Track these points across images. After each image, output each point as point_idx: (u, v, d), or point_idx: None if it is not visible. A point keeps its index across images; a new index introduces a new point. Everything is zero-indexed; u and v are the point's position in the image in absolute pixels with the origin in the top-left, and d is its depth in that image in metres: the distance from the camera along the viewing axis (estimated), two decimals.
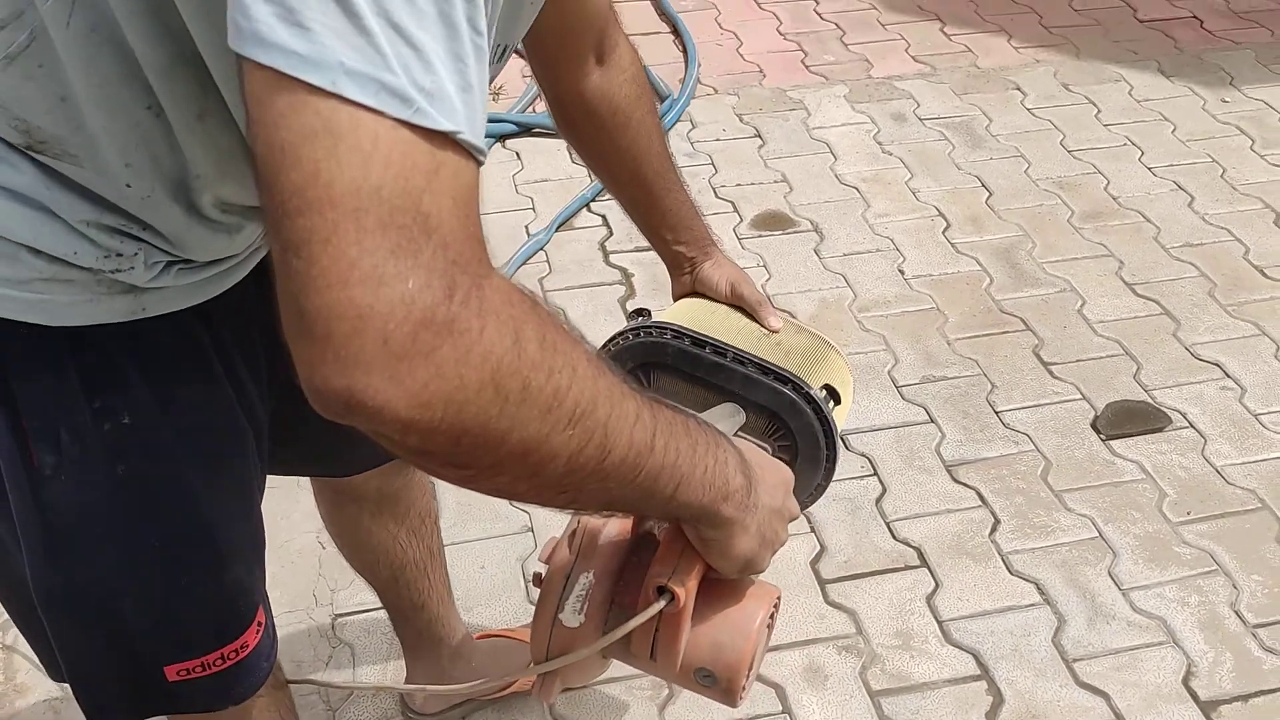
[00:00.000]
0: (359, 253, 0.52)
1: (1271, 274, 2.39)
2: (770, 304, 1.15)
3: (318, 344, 0.53)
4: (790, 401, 1.01)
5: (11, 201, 0.74)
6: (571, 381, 0.60)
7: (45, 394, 0.81)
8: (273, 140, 0.53)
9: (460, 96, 0.54)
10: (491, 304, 0.56)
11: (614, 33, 1.09)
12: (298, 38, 0.51)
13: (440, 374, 0.54)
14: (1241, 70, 3.09)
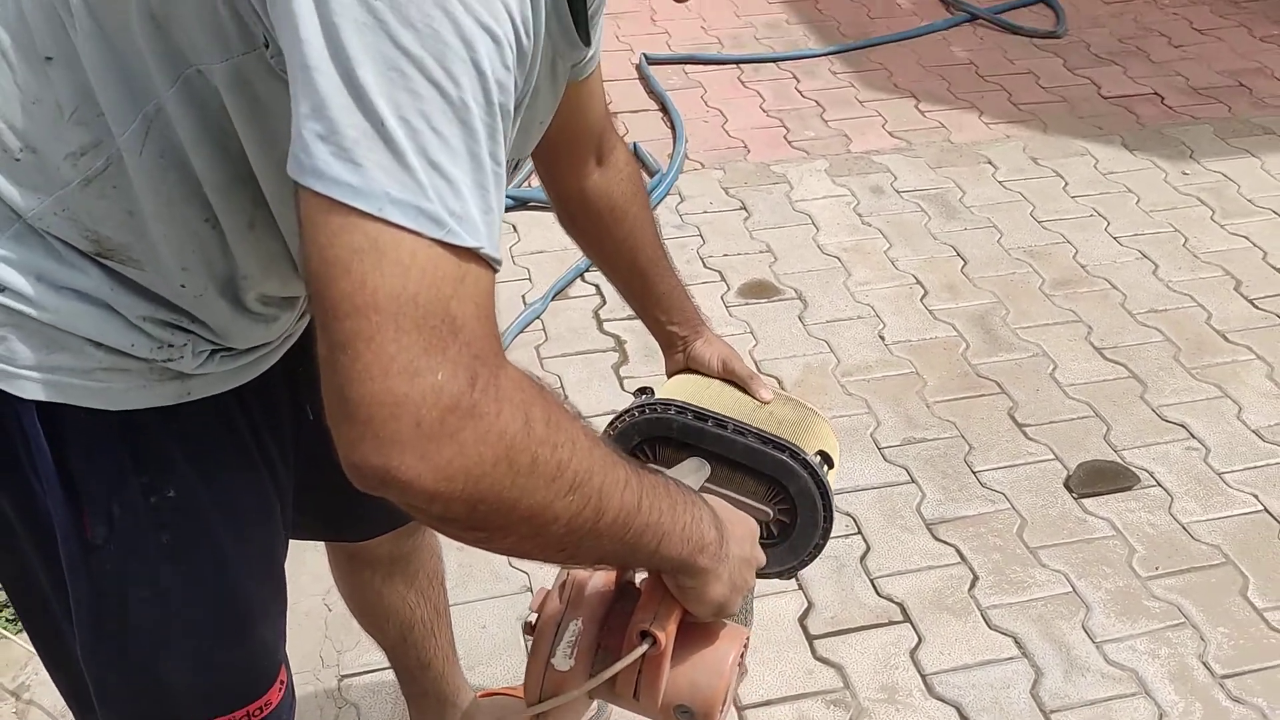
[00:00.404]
0: (397, 349, 0.62)
1: (1233, 338, 2.51)
2: (760, 378, 1.25)
3: (359, 427, 0.63)
4: (789, 468, 1.10)
5: (79, 301, 0.84)
6: (572, 454, 0.70)
7: (101, 471, 0.90)
8: (326, 255, 0.63)
9: (483, 218, 0.65)
10: (506, 390, 0.66)
11: (611, 137, 1.20)
12: (351, 172, 0.62)
13: (463, 451, 0.64)
14: (1201, 144, 3.24)
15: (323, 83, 0.62)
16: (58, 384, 0.85)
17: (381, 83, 0.62)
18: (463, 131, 0.64)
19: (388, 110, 0.62)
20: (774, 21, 3.96)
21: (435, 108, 0.62)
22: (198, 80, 0.74)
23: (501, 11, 0.65)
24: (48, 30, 0.75)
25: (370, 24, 0.61)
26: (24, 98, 0.77)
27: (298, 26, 0.63)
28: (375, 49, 0.61)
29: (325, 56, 0.62)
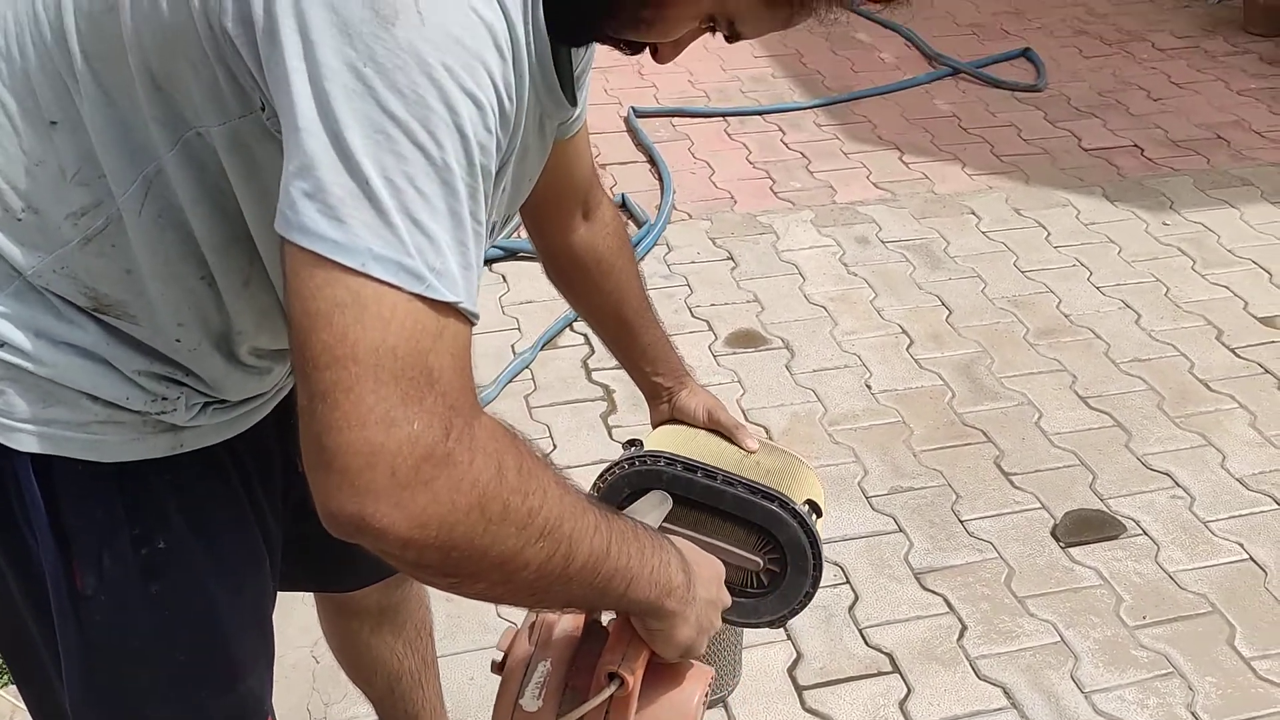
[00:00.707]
0: (375, 400, 0.64)
1: (1216, 387, 2.54)
2: (745, 427, 1.26)
3: (335, 475, 0.65)
4: (778, 517, 1.11)
5: (76, 356, 0.85)
6: (543, 502, 0.71)
7: (93, 523, 0.90)
8: (309, 308, 0.65)
9: (462, 274, 0.67)
10: (480, 440, 0.68)
11: (597, 192, 1.23)
12: (335, 229, 0.64)
13: (436, 499, 0.66)
14: (1181, 195, 3.30)
15: (312, 144, 0.64)
16: (53, 437, 0.86)
17: (368, 145, 0.64)
18: (445, 191, 0.66)
19: (373, 171, 0.64)
20: (759, 75, 4.03)
21: (419, 169, 0.65)
22: (197, 142, 0.76)
23: (485, 78, 0.67)
24: (53, 96, 0.77)
25: (359, 90, 0.64)
26: (28, 160, 0.79)
27: (291, 91, 0.65)
28: (363, 113, 0.64)
29: (315, 119, 0.64)
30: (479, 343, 2.71)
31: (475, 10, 0.67)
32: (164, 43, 0.72)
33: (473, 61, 0.66)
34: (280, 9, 0.65)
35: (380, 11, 0.64)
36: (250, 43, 0.68)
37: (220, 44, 0.70)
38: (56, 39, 0.76)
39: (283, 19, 0.65)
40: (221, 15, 0.69)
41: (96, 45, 0.75)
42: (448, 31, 0.65)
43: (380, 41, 0.64)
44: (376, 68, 0.64)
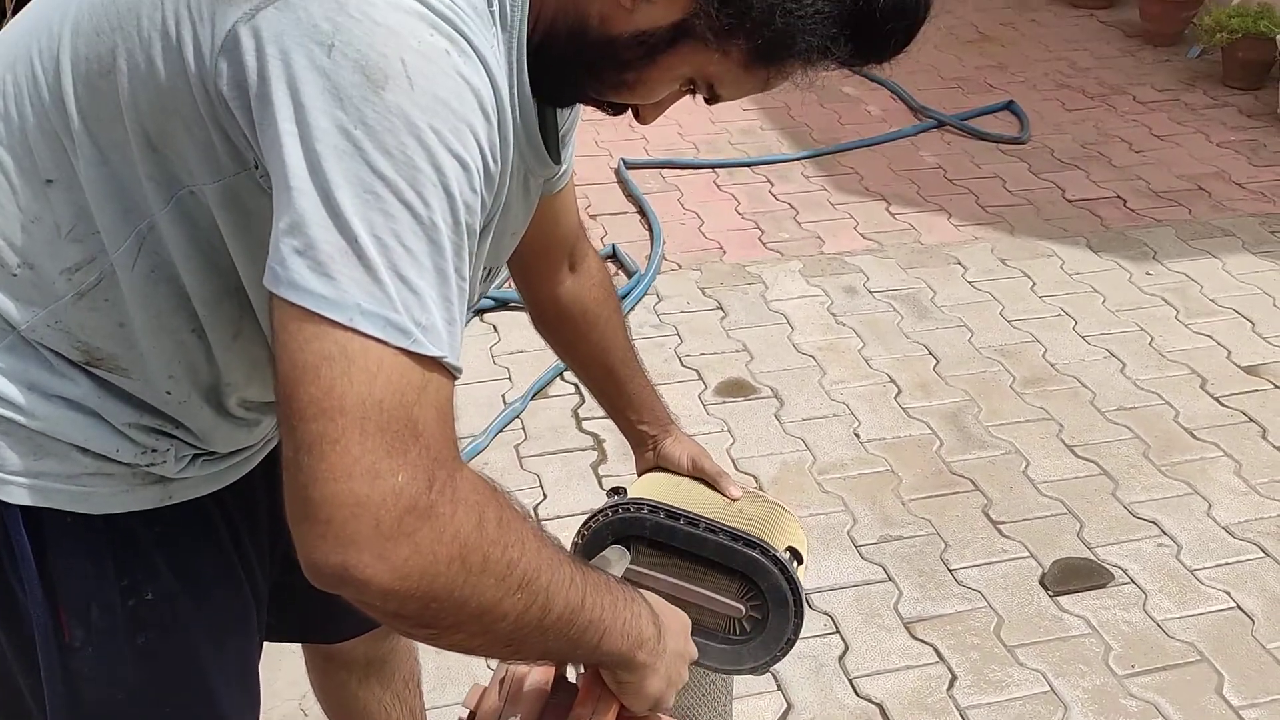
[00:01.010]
0: (361, 452, 0.65)
1: (1200, 435, 2.56)
2: (728, 475, 1.28)
3: (320, 526, 0.66)
4: (760, 565, 1.12)
5: (68, 409, 0.86)
6: (521, 554, 0.73)
7: (81, 575, 0.91)
8: (296, 360, 0.67)
9: (446, 329, 0.69)
10: (462, 492, 0.69)
11: (583, 245, 1.25)
12: (325, 284, 0.66)
13: (419, 551, 0.67)
14: (1164, 245, 3.35)
15: (303, 203, 0.66)
16: (44, 489, 0.87)
17: (357, 204, 0.66)
18: (431, 249, 0.68)
19: (362, 229, 0.66)
20: (748, 127, 4.09)
21: (406, 227, 0.67)
22: (190, 200, 0.78)
23: (470, 140, 0.69)
24: (49, 155, 0.79)
25: (349, 151, 0.66)
26: (24, 217, 0.81)
27: (283, 151, 0.67)
28: (353, 173, 0.66)
29: (306, 179, 0.66)
30: (470, 392, 2.72)
31: (462, 76, 0.69)
32: (160, 105, 0.74)
33: (459, 124, 0.69)
34: (273, 74, 0.67)
35: (370, 77, 0.66)
36: (244, 105, 0.70)
37: (215, 106, 0.72)
38: (54, 101, 0.78)
39: (275, 83, 0.67)
40: (217, 79, 0.71)
41: (93, 107, 0.77)
42: (435, 95, 0.67)
43: (370, 105, 0.66)
44: (366, 130, 0.66)
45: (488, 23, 0.75)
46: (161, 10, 0.73)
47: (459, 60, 0.69)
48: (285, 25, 0.67)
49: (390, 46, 0.67)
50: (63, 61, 0.78)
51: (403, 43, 0.67)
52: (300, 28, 0.67)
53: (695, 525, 1.14)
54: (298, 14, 0.67)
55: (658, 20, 0.79)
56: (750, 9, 0.77)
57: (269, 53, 0.68)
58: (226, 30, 0.70)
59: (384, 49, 0.66)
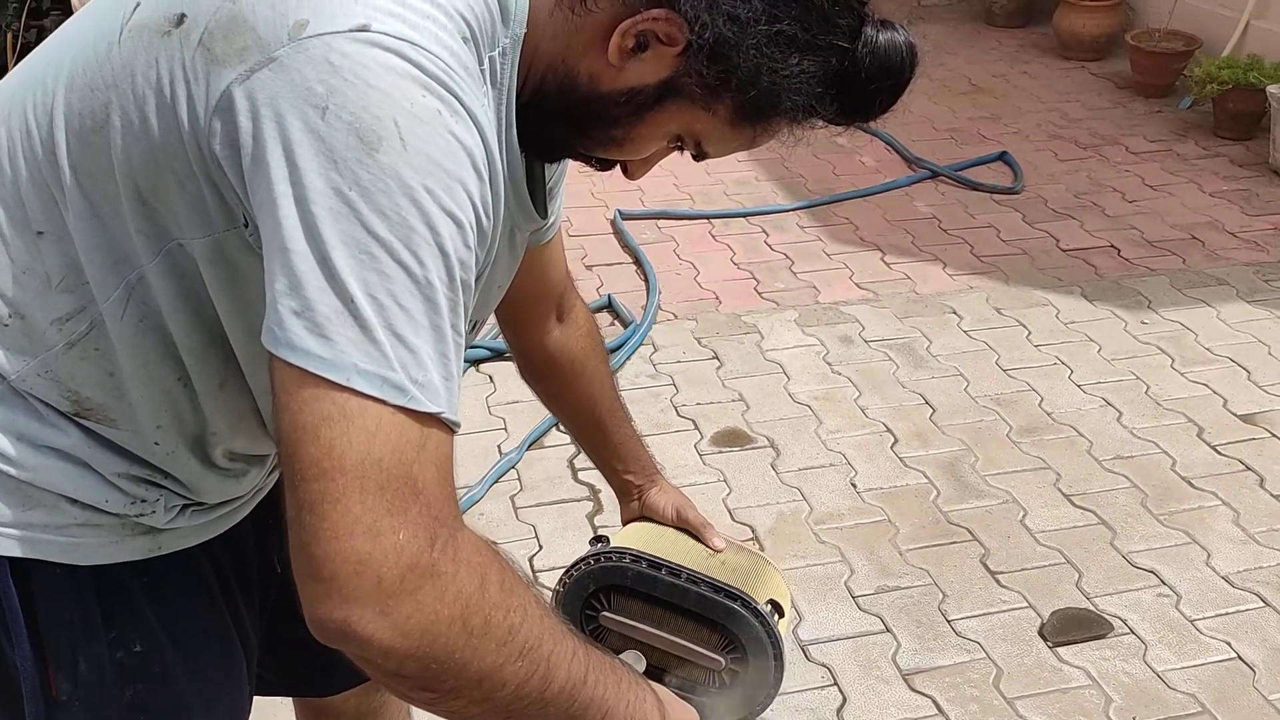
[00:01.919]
0: (361, 510, 0.66)
1: (1198, 484, 2.55)
2: (712, 526, 1.27)
3: (323, 584, 0.66)
4: (741, 617, 1.12)
5: (57, 459, 0.86)
6: (524, 620, 0.73)
7: (69, 627, 0.90)
8: (297, 421, 0.68)
9: (444, 385, 0.70)
10: (464, 552, 0.70)
11: (571, 296, 1.26)
12: (322, 345, 0.67)
13: (420, 609, 0.67)
14: (1158, 294, 3.36)
15: (299, 264, 0.67)
16: (32, 540, 0.87)
17: (353, 264, 0.67)
18: (426, 307, 0.69)
19: (358, 289, 0.67)
20: (743, 178, 4.13)
21: (401, 286, 0.68)
22: (178, 253, 0.79)
23: (464, 198, 0.70)
24: (41, 207, 0.80)
25: (344, 212, 0.67)
26: (15, 268, 0.82)
27: (277, 212, 0.68)
28: (348, 234, 0.67)
29: (302, 240, 0.67)
30: (465, 443, 2.71)
31: (455, 135, 0.70)
32: (153, 160, 0.75)
33: (452, 183, 0.70)
34: (268, 136, 0.68)
35: (364, 139, 0.67)
36: (236, 165, 0.71)
37: (208, 163, 0.73)
38: (47, 154, 0.79)
39: (270, 146, 0.68)
40: (210, 138, 0.72)
41: (85, 161, 0.78)
42: (428, 155, 0.69)
43: (364, 166, 0.67)
44: (361, 191, 0.67)
45: (478, 81, 0.76)
46: (156, 68, 0.74)
47: (451, 120, 0.70)
48: (280, 88, 0.68)
49: (383, 109, 0.68)
50: (56, 116, 0.79)
51: (395, 105, 0.68)
52: (295, 90, 0.68)
53: (677, 576, 1.14)
54: (292, 76, 0.68)
55: (646, 78, 0.81)
56: (736, 69, 0.78)
57: (263, 115, 0.69)
58: (221, 90, 0.71)
59: (377, 111, 0.67)
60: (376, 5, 0.70)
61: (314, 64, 0.68)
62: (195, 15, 0.73)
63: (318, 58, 0.68)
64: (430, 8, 0.72)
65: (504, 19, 0.78)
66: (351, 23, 0.69)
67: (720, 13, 0.77)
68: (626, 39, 0.79)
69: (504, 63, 0.79)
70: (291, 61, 0.68)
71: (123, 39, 0.76)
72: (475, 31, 0.76)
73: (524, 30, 0.80)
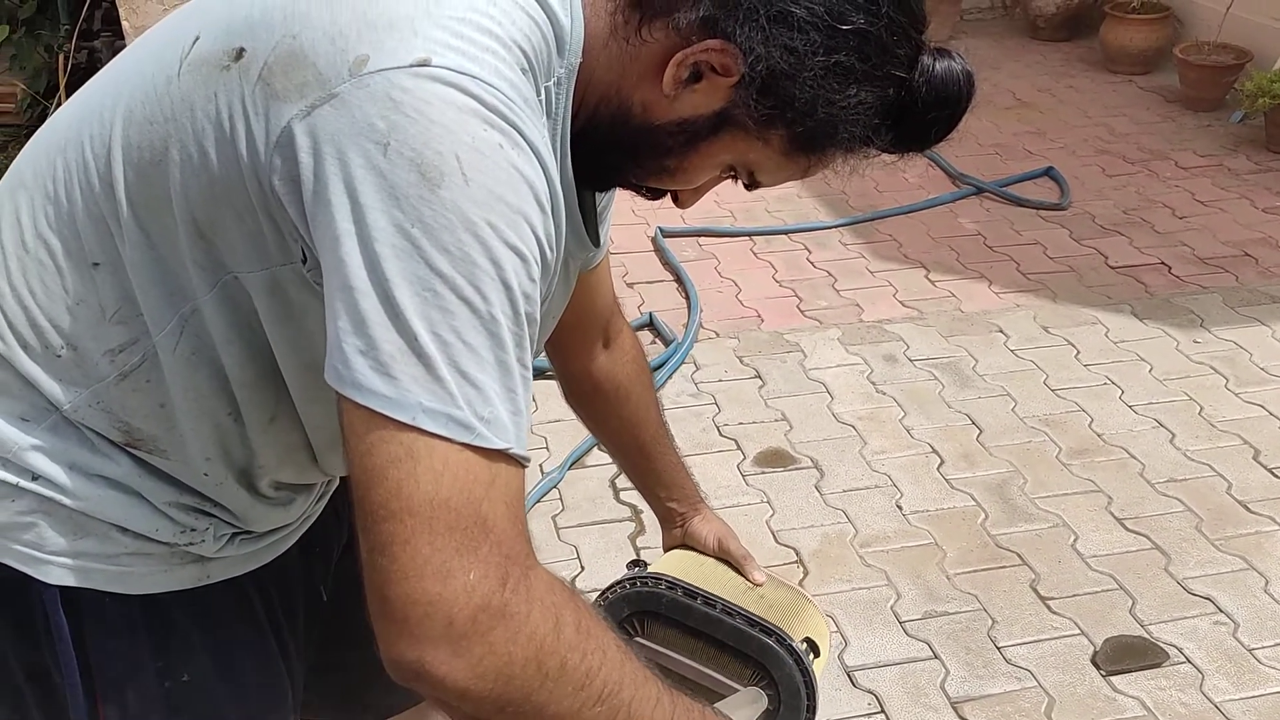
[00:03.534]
0: (431, 551, 0.65)
1: (1255, 508, 2.49)
2: (753, 559, 1.26)
3: (396, 625, 0.66)
4: (775, 653, 1.10)
5: (109, 489, 0.87)
6: (602, 663, 0.71)
7: (119, 657, 0.91)
8: (365, 464, 0.67)
9: (511, 419, 0.69)
10: (537, 591, 0.68)
11: (618, 321, 1.25)
12: (387, 385, 0.66)
13: (493, 650, 0.66)
14: (1211, 313, 3.29)
15: (363, 302, 0.67)
16: (83, 569, 0.87)
17: (416, 302, 0.66)
18: (491, 342, 0.68)
19: (421, 327, 0.66)
20: (785, 195, 4.10)
21: (466, 323, 0.67)
22: (234, 286, 0.78)
23: (527, 232, 0.70)
24: (96, 238, 0.81)
25: (407, 249, 0.66)
26: (70, 299, 0.82)
27: (339, 249, 0.68)
28: (411, 272, 0.66)
29: (366, 279, 0.67)
30: None
31: (516, 169, 0.70)
32: (211, 194, 0.75)
33: (515, 217, 0.69)
34: (329, 173, 0.68)
35: (427, 175, 0.67)
36: (296, 200, 0.71)
37: (267, 198, 0.73)
38: (104, 187, 0.80)
39: (332, 183, 0.68)
40: (270, 173, 0.71)
41: (142, 194, 0.78)
42: (491, 190, 0.68)
43: (427, 203, 0.67)
44: (424, 228, 0.66)
45: (538, 112, 0.75)
46: (215, 103, 0.74)
47: (513, 153, 0.69)
48: (341, 124, 0.68)
49: (445, 144, 0.67)
50: (114, 149, 0.79)
51: (457, 140, 0.67)
52: (356, 127, 0.68)
53: (712, 606, 1.13)
54: (353, 113, 0.68)
55: (700, 109, 0.80)
56: (793, 100, 0.77)
57: (325, 152, 0.68)
58: (282, 127, 0.70)
59: (439, 147, 0.67)
60: (436, 39, 0.70)
61: (375, 100, 0.68)
62: (254, 50, 0.73)
63: (379, 94, 0.68)
64: (489, 40, 0.72)
65: (559, 49, 0.77)
66: (412, 57, 0.68)
67: (777, 44, 0.76)
68: (681, 69, 0.78)
69: (559, 93, 0.78)
70: (352, 98, 0.68)
71: (182, 73, 0.76)
72: (532, 62, 0.75)
73: (579, 60, 0.79)
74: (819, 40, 0.76)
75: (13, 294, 0.83)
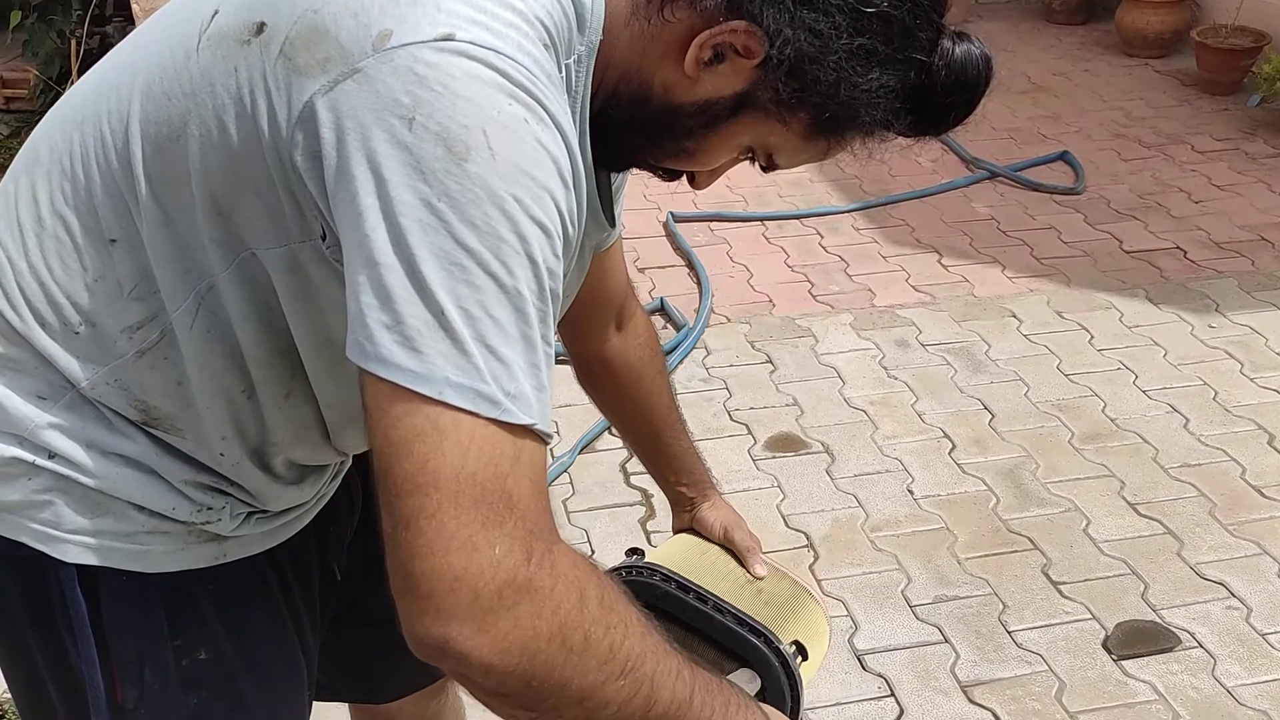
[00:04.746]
0: (456, 526, 0.65)
1: (1269, 493, 2.48)
2: (758, 552, 1.25)
3: (420, 601, 0.66)
4: (761, 655, 1.09)
5: (125, 467, 0.87)
6: (625, 637, 0.71)
7: (136, 635, 0.91)
8: (390, 437, 0.67)
9: (535, 395, 0.69)
10: (561, 566, 0.68)
11: (631, 304, 1.25)
12: (412, 359, 0.66)
13: (518, 625, 0.66)
14: (1226, 297, 3.27)
15: (388, 277, 0.67)
16: (100, 547, 0.88)
17: (443, 276, 0.66)
18: (517, 317, 0.68)
19: (448, 301, 0.66)
20: (797, 179, 4.09)
21: (492, 297, 0.67)
22: (251, 262, 0.78)
23: (551, 207, 0.70)
24: (114, 215, 0.81)
25: (433, 223, 0.66)
26: (87, 276, 0.82)
27: (363, 224, 0.67)
28: (438, 246, 0.66)
29: (391, 253, 0.67)
30: None
31: (541, 143, 0.69)
32: (231, 170, 0.75)
33: (540, 191, 0.69)
34: (352, 149, 0.68)
35: (453, 149, 0.66)
36: (317, 176, 0.70)
37: (288, 174, 0.73)
38: (121, 162, 0.79)
39: (355, 158, 0.67)
40: (292, 149, 0.71)
41: (160, 170, 0.78)
42: (517, 164, 0.68)
43: (453, 177, 0.66)
44: (450, 202, 0.66)
45: (560, 89, 0.75)
46: (236, 78, 0.74)
47: (537, 128, 0.69)
48: (364, 99, 0.68)
49: (471, 118, 0.67)
50: (131, 124, 0.79)
51: (483, 114, 0.67)
52: (380, 102, 0.67)
53: (704, 602, 1.12)
54: (377, 88, 0.67)
55: (721, 90, 0.79)
56: (817, 83, 0.77)
57: (348, 127, 0.68)
58: (304, 102, 0.70)
59: (465, 121, 0.67)
60: (459, 14, 0.69)
61: (399, 75, 0.67)
62: (276, 24, 0.73)
63: (403, 68, 0.67)
64: (511, 15, 0.71)
65: (580, 26, 0.77)
66: (436, 32, 0.68)
67: (803, 27, 0.75)
68: (704, 51, 0.77)
69: (579, 71, 0.78)
70: (376, 72, 0.68)
71: (201, 47, 0.76)
72: (554, 38, 0.75)
73: (599, 38, 0.78)
74: (844, 23, 0.76)
75: (30, 271, 0.83)
